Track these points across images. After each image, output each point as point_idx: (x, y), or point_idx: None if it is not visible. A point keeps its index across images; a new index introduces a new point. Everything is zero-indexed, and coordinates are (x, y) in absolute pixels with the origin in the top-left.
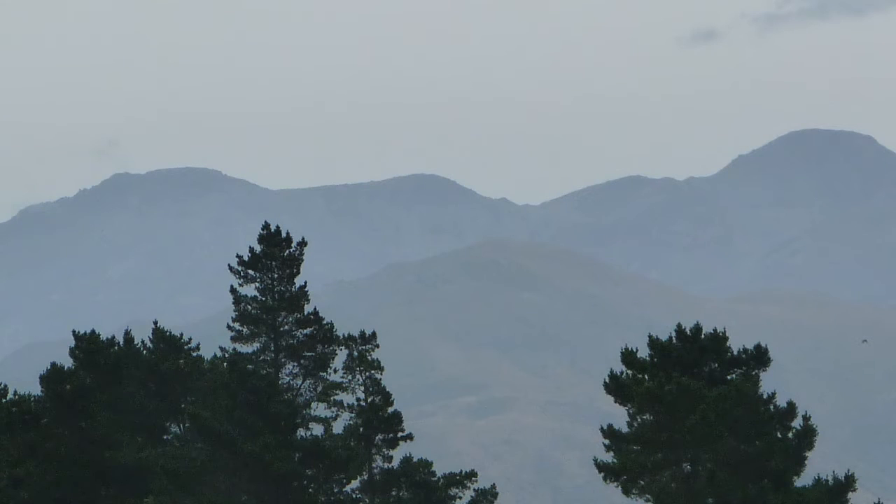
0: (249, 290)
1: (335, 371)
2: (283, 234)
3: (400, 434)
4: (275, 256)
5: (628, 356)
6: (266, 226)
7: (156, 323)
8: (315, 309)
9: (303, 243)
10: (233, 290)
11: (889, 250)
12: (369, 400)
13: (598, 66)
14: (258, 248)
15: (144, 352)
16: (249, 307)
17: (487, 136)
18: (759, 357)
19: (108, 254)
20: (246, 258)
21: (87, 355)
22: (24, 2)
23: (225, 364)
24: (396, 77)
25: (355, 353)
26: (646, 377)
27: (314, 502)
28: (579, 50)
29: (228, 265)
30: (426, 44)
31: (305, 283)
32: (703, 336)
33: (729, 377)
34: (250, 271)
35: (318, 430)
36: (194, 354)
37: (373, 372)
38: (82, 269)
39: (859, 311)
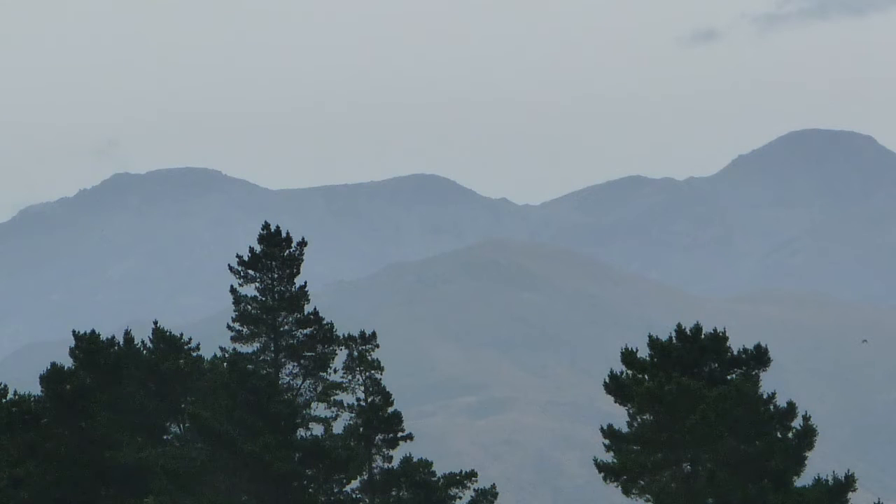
0: (249, 290)
1: (335, 371)
2: (283, 234)
3: (400, 434)
4: (275, 256)
5: (628, 356)
6: (266, 226)
7: (156, 323)
8: (315, 309)
9: (303, 243)
10: (233, 290)
11: (889, 250)
12: (369, 400)
13: (598, 66)
14: (258, 248)
15: (144, 352)
16: (249, 307)
17: (487, 136)
18: (759, 357)
19: (108, 254)
20: (246, 258)
21: (87, 355)
22: (24, 2)
23: (225, 364)
24: (396, 77)
25: (355, 353)
26: (646, 377)
27: (314, 502)
28: (579, 50)
29: (228, 265)
30: (426, 44)
31: (305, 283)
32: (703, 336)
33: (729, 377)
34: (250, 271)
35: (318, 430)
36: (194, 354)
37: (373, 372)
38: (82, 269)
39: (859, 311)
